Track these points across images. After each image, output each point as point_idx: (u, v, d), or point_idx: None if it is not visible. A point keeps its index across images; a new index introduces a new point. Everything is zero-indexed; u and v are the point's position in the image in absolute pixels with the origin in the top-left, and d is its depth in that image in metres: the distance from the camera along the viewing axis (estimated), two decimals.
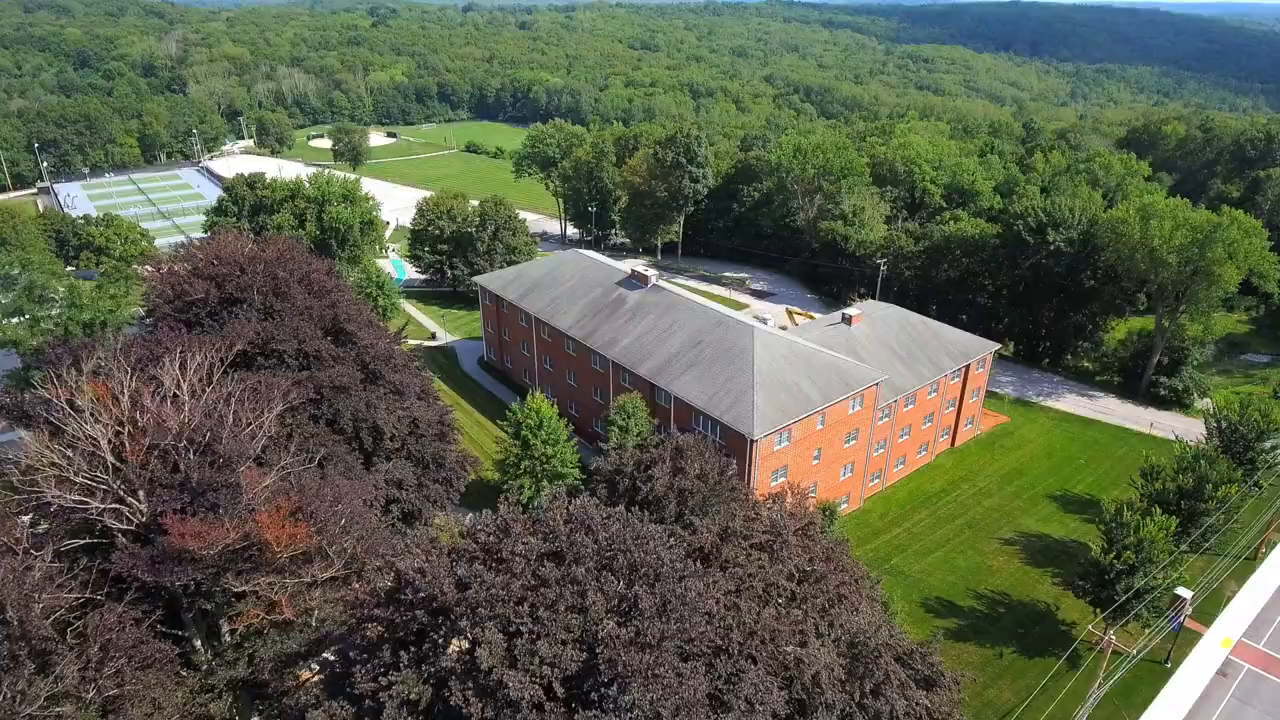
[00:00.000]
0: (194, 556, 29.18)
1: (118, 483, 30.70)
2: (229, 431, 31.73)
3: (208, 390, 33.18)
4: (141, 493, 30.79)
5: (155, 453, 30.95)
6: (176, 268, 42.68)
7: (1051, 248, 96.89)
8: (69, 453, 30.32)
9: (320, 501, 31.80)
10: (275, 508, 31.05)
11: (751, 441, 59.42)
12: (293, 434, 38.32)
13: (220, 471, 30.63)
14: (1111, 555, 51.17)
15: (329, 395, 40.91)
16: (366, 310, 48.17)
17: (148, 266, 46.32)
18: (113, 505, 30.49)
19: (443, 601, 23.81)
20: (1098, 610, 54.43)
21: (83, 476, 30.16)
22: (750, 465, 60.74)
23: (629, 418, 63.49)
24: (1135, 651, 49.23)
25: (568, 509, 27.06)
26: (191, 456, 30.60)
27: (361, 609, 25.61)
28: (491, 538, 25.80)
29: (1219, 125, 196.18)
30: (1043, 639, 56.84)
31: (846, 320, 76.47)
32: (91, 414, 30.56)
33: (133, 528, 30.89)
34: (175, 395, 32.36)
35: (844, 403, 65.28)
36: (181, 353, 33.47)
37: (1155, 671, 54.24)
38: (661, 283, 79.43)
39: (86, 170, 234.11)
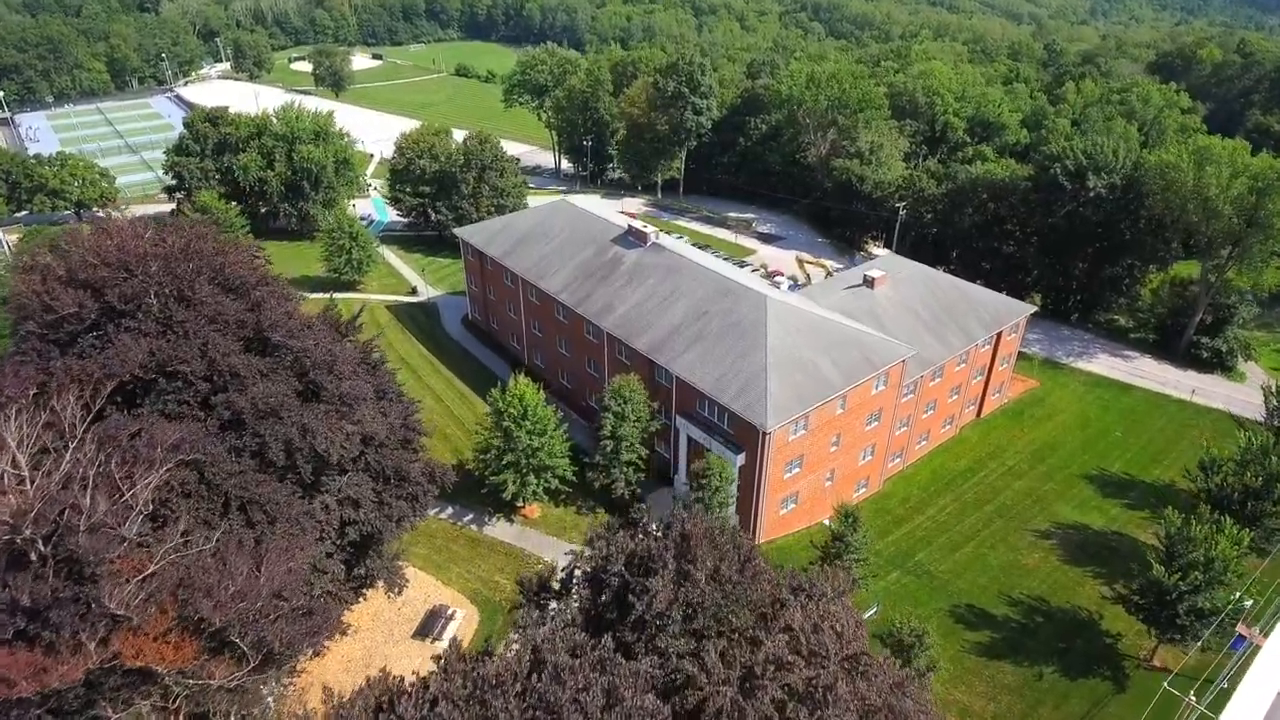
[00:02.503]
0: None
1: None
2: (86, 516, 24.53)
3: (70, 450, 25.83)
4: None
5: None
6: (53, 264, 34.46)
7: (1090, 194, 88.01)
8: None
9: (215, 599, 24.79)
10: (156, 611, 24.18)
11: (764, 434, 52.50)
12: (205, 475, 30.95)
13: (71, 575, 23.54)
14: (1176, 575, 44.77)
15: (252, 422, 33.60)
16: (300, 308, 39.75)
17: (20, 266, 37.99)
18: None
19: None
20: (1152, 630, 48.52)
21: None
22: (762, 459, 54.02)
23: (625, 403, 56.43)
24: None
25: (526, 673, 19.97)
26: (42, 549, 23.48)
27: None
28: None
29: (1258, 49, 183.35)
30: (1086, 656, 51.04)
31: (868, 283, 68.58)
32: None
33: None
34: (13, 470, 24.91)
35: (867, 383, 58.10)
36: (26, 403, 25.91)
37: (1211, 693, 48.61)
38: (662, 240, 71.14)
39: (51, 99, 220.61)
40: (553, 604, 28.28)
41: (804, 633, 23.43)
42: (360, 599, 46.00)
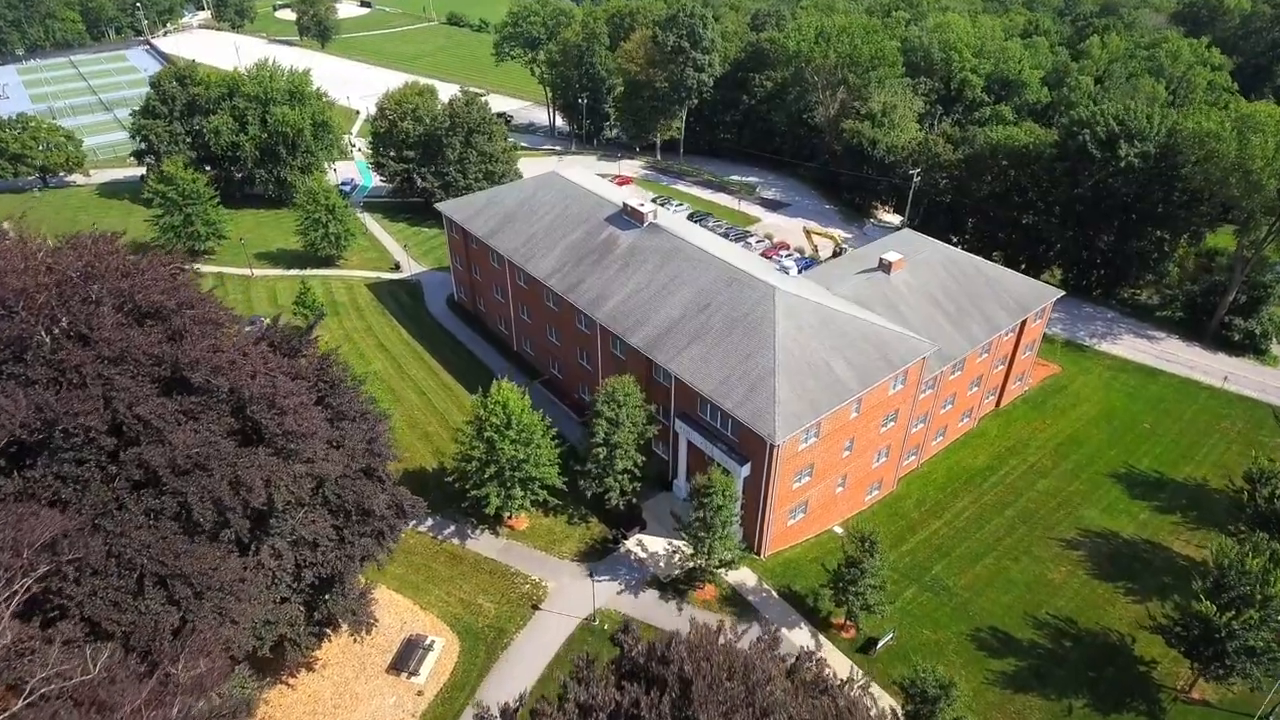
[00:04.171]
0: None
1: None
2: None
3: None
4: None
5: None
6: None
7: (1121, 164, 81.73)
8: None
9: None
10: None
11: (772, 446, 47.69)
12: (113, 548, 25.87)
13: None
14: (1229, 614, 40.38)
15: (171, 481, 28.53)
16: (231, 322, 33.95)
17: None
18: None
19: None
20: (1194, 665, 44.40)
21: None
22: (770, 471, 49.33)
23: (619, 406, 51.48)
24: None
25: None
26: None
27: None
28: None
29: None
30: (1118, 685, 47.03)
31: (885, 267, 63.03)
32: None
33: None
34: None
35: (884, 383, 53.13)
36: None
37: None
38: (660, 220, 65.34)
39: (23, 52, 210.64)
40: None
41: None
42: (325, 641, 41.69)
